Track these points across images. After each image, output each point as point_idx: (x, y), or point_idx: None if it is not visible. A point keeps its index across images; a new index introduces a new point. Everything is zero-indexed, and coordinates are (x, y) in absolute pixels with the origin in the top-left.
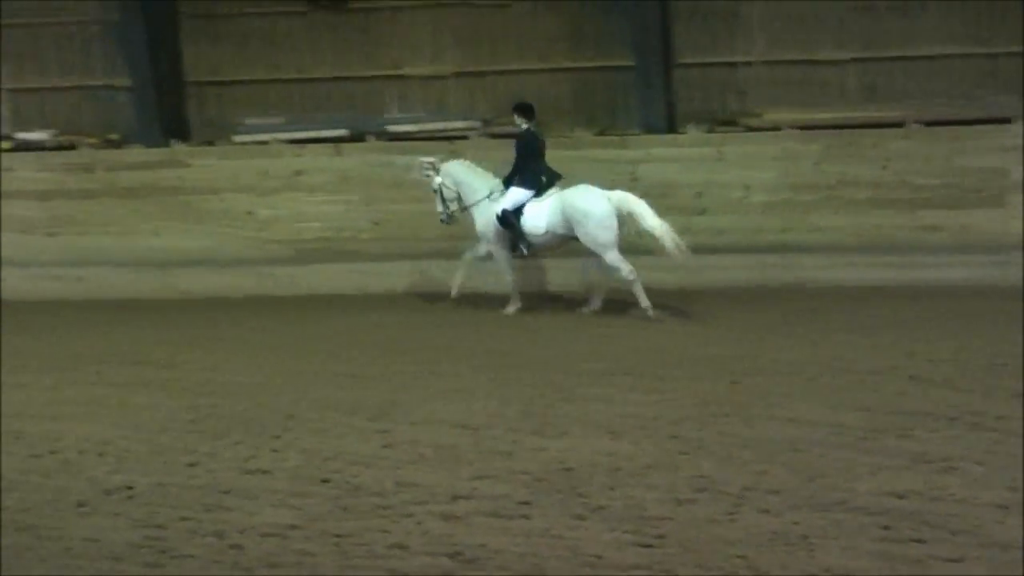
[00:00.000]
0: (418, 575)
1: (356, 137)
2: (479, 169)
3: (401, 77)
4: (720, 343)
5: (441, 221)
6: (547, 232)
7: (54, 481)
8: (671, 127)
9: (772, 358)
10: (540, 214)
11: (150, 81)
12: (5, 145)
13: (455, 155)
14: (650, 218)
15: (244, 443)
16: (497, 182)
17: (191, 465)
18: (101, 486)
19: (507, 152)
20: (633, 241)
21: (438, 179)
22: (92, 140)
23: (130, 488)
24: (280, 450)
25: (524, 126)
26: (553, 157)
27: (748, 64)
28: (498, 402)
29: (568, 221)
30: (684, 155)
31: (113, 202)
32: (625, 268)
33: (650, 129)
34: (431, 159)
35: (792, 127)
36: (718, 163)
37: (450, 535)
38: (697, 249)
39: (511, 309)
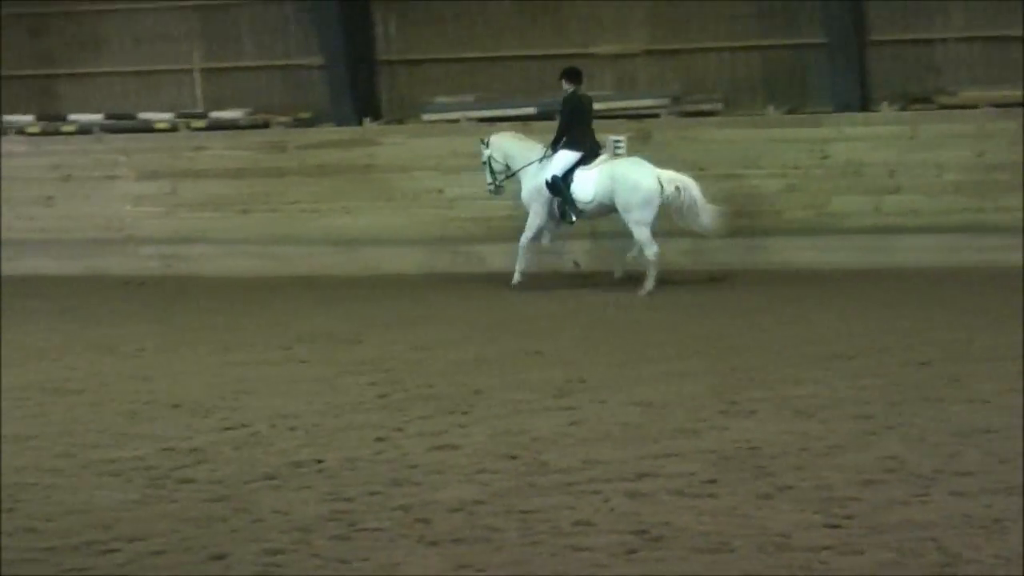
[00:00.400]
0: (603, 552)
1: (545, 115)
2: (528, 140)
3: (590, 55)
4: (911, 325)
5: (489, 192)
6: (594, 200)
7: (245, 454)
8: (863, 105)
9: (964, 340)
10: (589, 182)
11: (342, 60)
12: (199, 124)
13: (641, 133)
14: (697, 196)
15: (432, 419)
16: (545, 149)
17: (379, 440)
18: (291, 459)
19: (699, 131)
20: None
21: (487, 151)
22: (284, 119)
23: (319, 462)
24: (467, 426)
25: (570, 90)
26: (742, 136)
27: (944, 41)
28: (684, 381)
29: (613, 191)
30: (876, 133)
31: (304, 180)
32: (652, 248)
33: (842, 107)
34: (621, 137)
35: (988, 105)
36: (911, 142)
37: (636, 512)
38: (889, 229)
39: (516, 279)
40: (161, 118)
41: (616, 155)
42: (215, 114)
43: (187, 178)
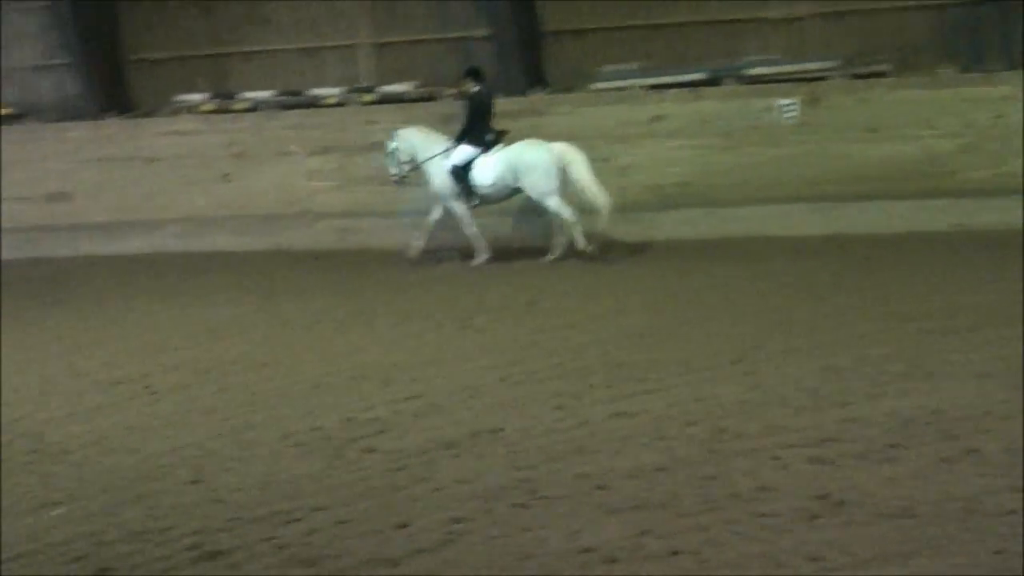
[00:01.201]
0: (785, 517)
1: (714, 81)
2: (434, 134)
3: (760, 20)
4: None
5: (394, 182)
6: (494, 184)
7: (425, 423)
8: None
9: None
10: (488, 167)
11: (509, 31)
12: (368, 98)
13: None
14: (584, 171)
15: (610, 387)
16: (451, 143)
17: (558, 408)
18: (470, 428)
19: (871, 92)
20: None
21: (393, 143)
22: (452, 91)
23: (499, 431)
24: (646, 393)
25: (475, 88)
26: (916, 97)
27: None
28: (865, 345)
29: (515, 173)
30: None
31: None
32: (566, 212)
33: (1018, 65)
34: (790, 101)
35: None
36: None
37: (818, 478)
38: None
39: (480, 259)
40: (330, 93)
41: (786, 120)
42: (384, 88)
43: (358, 152)
